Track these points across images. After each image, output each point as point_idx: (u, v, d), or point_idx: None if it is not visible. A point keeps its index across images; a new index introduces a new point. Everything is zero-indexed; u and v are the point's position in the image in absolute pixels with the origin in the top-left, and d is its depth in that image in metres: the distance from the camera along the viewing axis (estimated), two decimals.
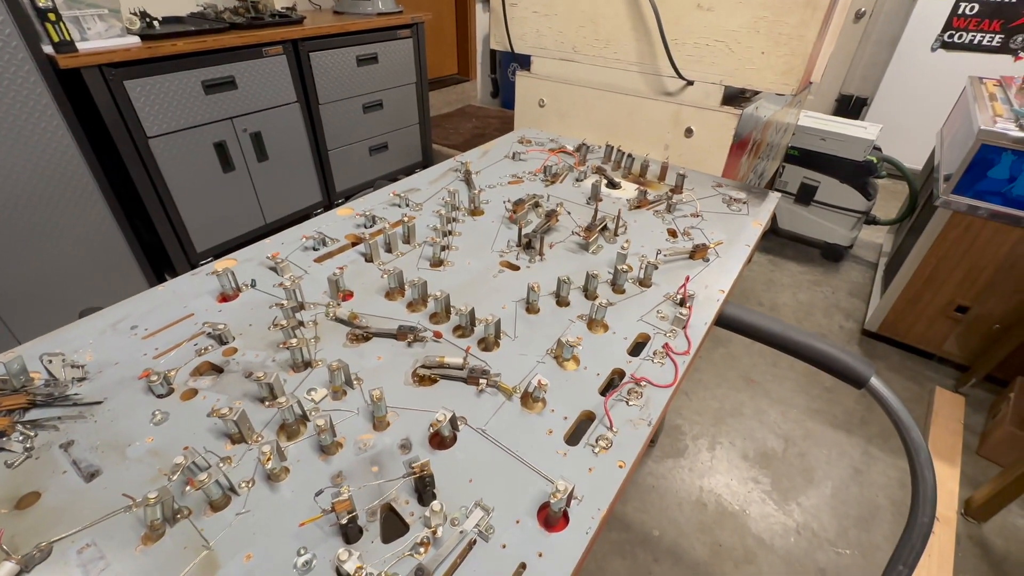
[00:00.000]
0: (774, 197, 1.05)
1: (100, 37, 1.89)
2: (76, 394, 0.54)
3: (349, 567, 0.39)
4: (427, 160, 3.26)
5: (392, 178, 1.02)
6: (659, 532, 1.60)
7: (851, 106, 3.81)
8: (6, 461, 0.48)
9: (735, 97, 1.32)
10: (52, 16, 1.71)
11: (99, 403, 0.54)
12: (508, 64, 4.08)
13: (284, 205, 2.62)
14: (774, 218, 2.81)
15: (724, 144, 1.26)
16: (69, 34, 1.77)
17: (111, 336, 0.63)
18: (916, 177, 2.52)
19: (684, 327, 0.67)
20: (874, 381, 0.73)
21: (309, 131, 2.57)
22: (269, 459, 0.46)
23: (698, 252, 0.82)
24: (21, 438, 0.49)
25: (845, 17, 1.37)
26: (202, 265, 0.73)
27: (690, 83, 1.25)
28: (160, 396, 0.55)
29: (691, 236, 0.89)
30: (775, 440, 1.87)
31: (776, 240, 2.96)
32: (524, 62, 1.57)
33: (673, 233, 0.90)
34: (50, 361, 0.54)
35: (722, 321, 0.78)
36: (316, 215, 0.87)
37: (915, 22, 3.38)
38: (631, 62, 1.31)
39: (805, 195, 2.63)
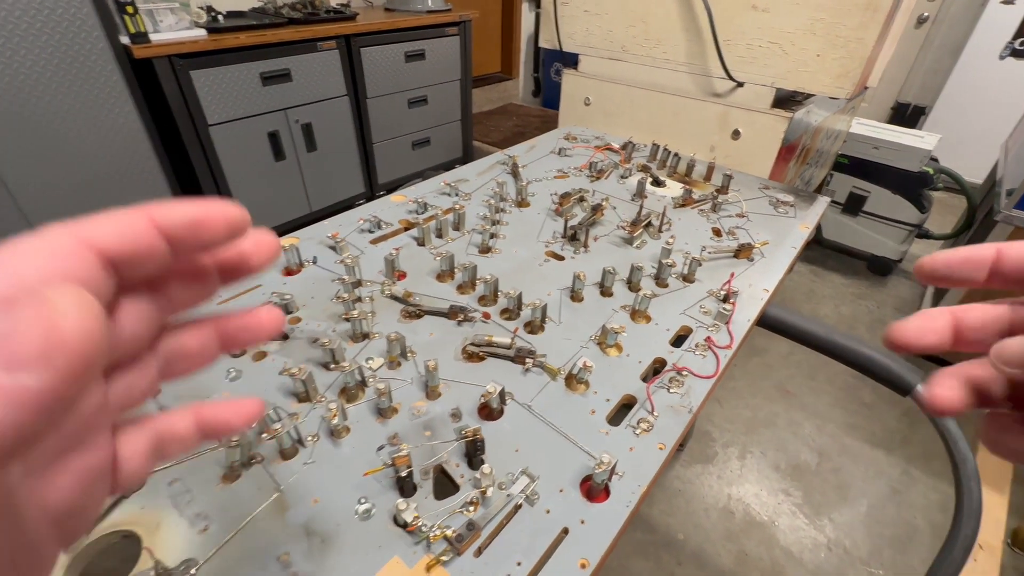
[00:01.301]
0: (823, 201, 1.03)
1: (171, 29, 2.01)
2: None
3: (407, 516, 0.43)
4: (467, 156, 3.32)
5: (434, 172, 1.06)
6: (684, 536, 1.60)
7: (908, 115, 3.66)
8: None
9: (786, 100, 1.30)
10: (130, 9, 1.83)
11: None
12: (551, 64, 4.10)
13: (329, 194, 2.72)
14: (818, 228, 2.73)
15: (772, 148, 1.25)
16: (144, 26, 1.89)
17: None
18: (975, 191, 2.40)
19: (727, 322, 0.68)
20: (920, 388, 0.72)
21: (356, 124, 2.66)
22: (335, 415, 0.50)
23: (743, 251, 0.82)
24: None
25: (907, 22, 1.33)
26: None
27: (740, 85, 1.24)
28: (234, 356, 0.60)
29: (736, 236, 0.89)
30: (809, 453, 1.83)
31: (819, 250, 2.88)
32: (567, 62, 1.59)
33: (718, 232, 0.90)
34: None
35: (764, 321, 0.79)
36: (358, 205, 0.92)
37: (982, 28, 3.21)
38: (680, 62, 1.31)
39: (853, 205, 2.55)
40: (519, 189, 0.96)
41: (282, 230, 2.67)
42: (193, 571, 0.41)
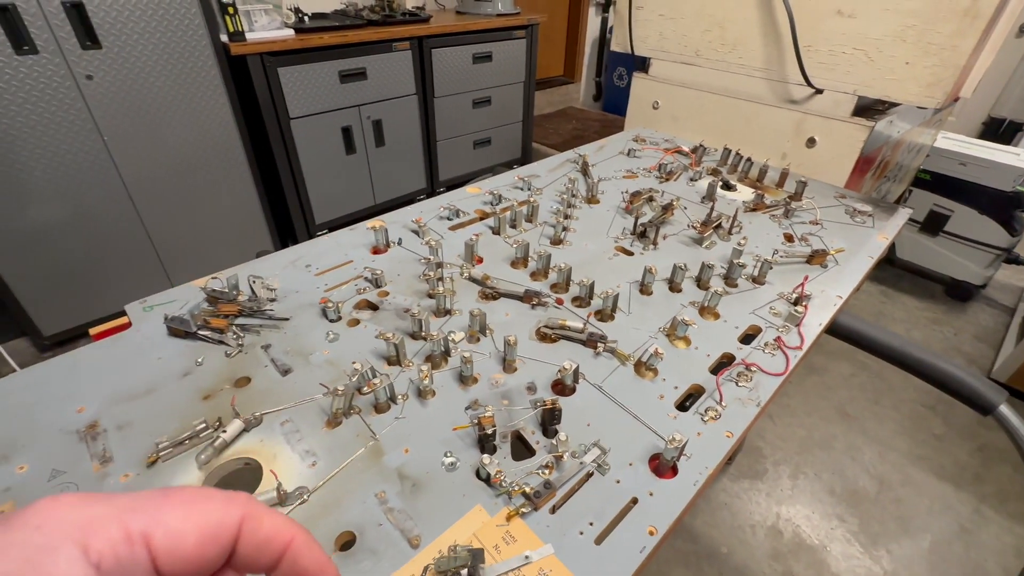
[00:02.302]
0: (904, 213, 1.00)
1: (264, 29, 2.18)
2: (271, 310, 0.67)
3: (490, 469, 0.47)
4: (526, 157, 3.37)
5: (492, 173, 1.11)
6: (727, 550, 1.57)
7: (1002, 130, 3.39)
8: (226, 352, 0.61)
9: (867, 109, 1.26)
10: (231, 10, 2.00)
11: (287, 319, 0.67)
12: (614, 68, 4.10)
13: (393, 188, 2.84)
14: (892, 246, 2.59)
15: (849, 158, 1.22)
16: (241, 25, 2.06)
17: (291, 271, 0.76)
18: None
19: (798, 324, 0.69)
20: (1003, 408, 0.69)
21: (422, 122, 2.77)
22: (426, 376, 0.55)
23: (816, 257, 0.81)
24: (234, 336, 0.63)
25: (1008, 31, 1.26)
26: (319, 235, 0.85)
27: (819, 91, 1.21)
28: (332, 320, 0.67)
29: (809, 242, 0.88)
30: (868, 480, 1.75)
31: (891, 271, 2.73)
32: (633, 66, 1.60)
33: (790, 237, 0.90)
34: (254, 281, 0.68)
35: (836, 328, 0.78)
36: (419, 200, 0.97)
37: None
38: (756, 67, 1.30)
39: (933, 224, 2.40)
40: (589, 186, 0.99)
41: (347, 221, 2.81)
42: (305, 496, 0.47)
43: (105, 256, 1.97)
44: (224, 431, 0.50)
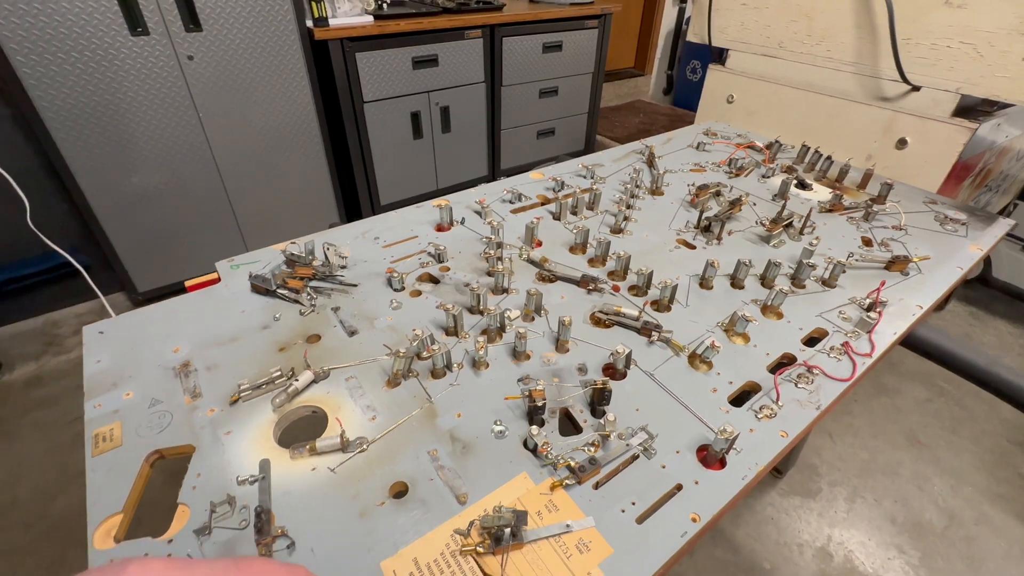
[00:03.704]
0: (1004, 224, 0.91)
1: (346, 15, 2.28)
2: (341, 276, 0.71)
3: (538, 440, 0.49)
4: (589, 150, 3.34)
5: (555, 161, 1.11)
6: (770, 566, 1.51)
7: None
8: (300, 310, 0.67)
9: (970, 110, 1.16)
10: None
11: (355, 285, 0.71)
12: (688, 61, 3.95)
13: (455, 174, 2.90)
14: (987, 264, 2.36)
15: (946, 162, 1.12)
16: (326, 11, 2.17)
17: (361, 242, 0.81)
18: None
19: (870, 331, 0.65)
20: None
21: (488, 110, 2.80)
22: (482, 347, 0.57)
23: (897, 264, 0.76)
24: (308, 297, 0.68)
25: None
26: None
27: (916, 88, 1.12)
28: (396, 290, 0.71)
29: (889, 247, 0.83)
30: (936, 513, 1.62)
31: (984, 291, 2.48)
32: (708, 60, 1.54)
33: (868, 242, 0.85)
34: (328, 248, 0.73)
35: (913, 341, 0.73)
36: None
37: None
38: (845, 61, 1.22)
39: None
40: (655, 177, 0.97)
41: (410, 203, 2.90)
42: (364, 446, 0.50)
43: (193, 222, 2.15)
44: (296, 380, 0.55)
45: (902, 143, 1.16)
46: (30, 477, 1.58)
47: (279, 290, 0.68)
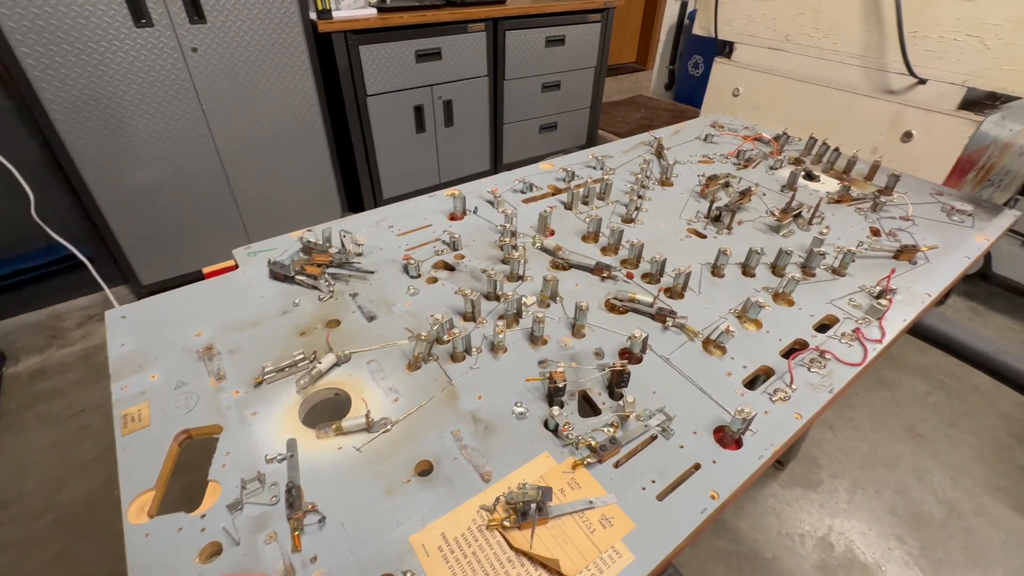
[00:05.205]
0: (1010, 215, 0.92)
1: (349, 7, 2.27)
2: (358, 263, 0.72)
3: (559, 420, 0.50)
4: (591, 144, 3.34)
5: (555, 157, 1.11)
6: (772, 556, 1.52)
7: None
8: (319, 296, 0.68)
9: (975, 103, 1.16)
10: None
11: (372, 272, 0.72)
12: (690, 56, 3.95)
13: (457, 168, 2.90)
14: (987, 260, 2.37)
15: (950, 155, 1.13)
16: (330, 3, 2.16)
17: (376, 230, 0.82)
18: None
19: (880, 318, 0.66)
20: None
21: (491, 104, 2.80)
22: (502, 331, 0.58)
23: (905, 253, 0.77)
24: (326, 283, 0.68)
25: None
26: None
27: (922, 81, 1.13)
28: (413, 277, 0.71)
29: (897, 237, 0.84)
30: (935, 505, 1.64)
31: (984, 286, 2.50)
32: (710, 54, 1.55)
33: (876, 232, 0.86)
34: (345, 235, 0.74)
35: (921, 329, 0.74)
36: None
37: None
38: (852, 54, 1.23)
39: None
40: (664, 168, 0.98)
41: (413, 196, 2.90)
42: (388, 427, 0.51)
43: (196, 215, 2.15)
44: (319, 363, 0.56)
45: (907, 136, 1.17)
46: (36, 469, 1.58)
47: (297, 276, 0.69)
